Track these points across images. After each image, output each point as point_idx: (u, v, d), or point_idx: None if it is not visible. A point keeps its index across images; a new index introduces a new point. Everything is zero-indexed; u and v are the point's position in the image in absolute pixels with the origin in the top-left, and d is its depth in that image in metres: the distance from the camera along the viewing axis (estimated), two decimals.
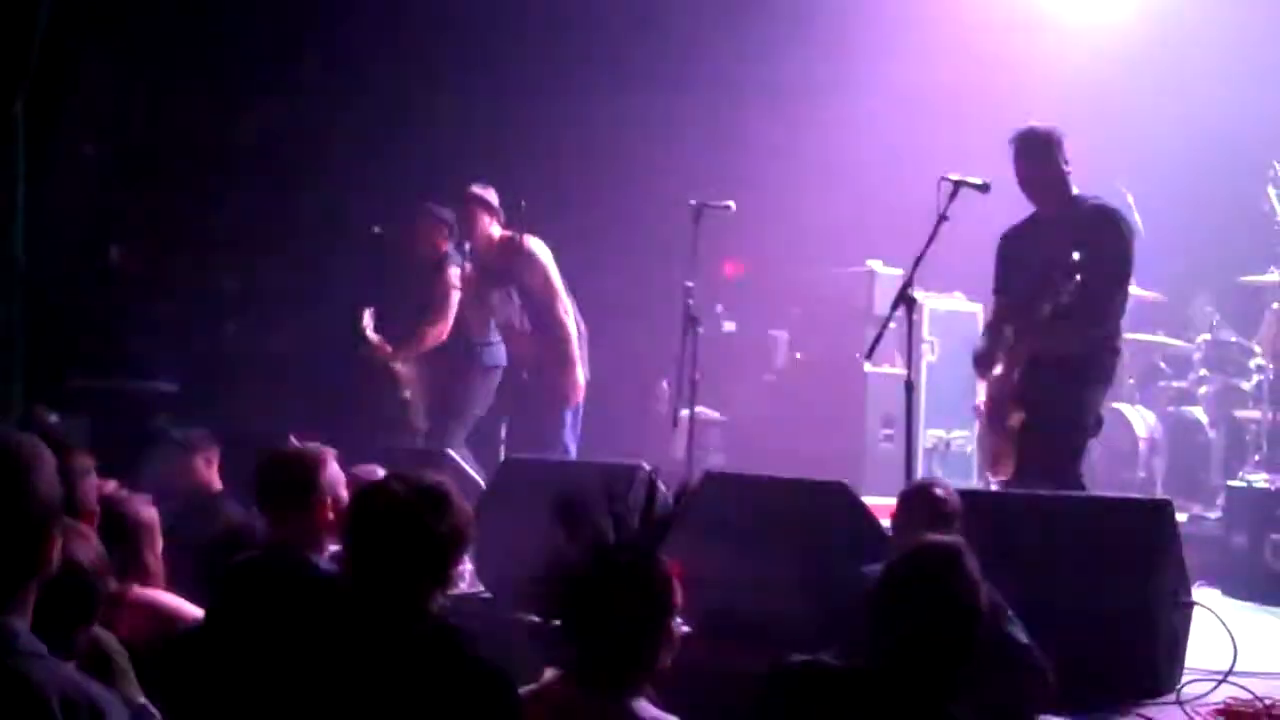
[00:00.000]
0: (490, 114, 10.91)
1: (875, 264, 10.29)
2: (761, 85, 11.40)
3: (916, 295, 6.63)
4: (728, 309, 11.75)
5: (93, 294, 10.53)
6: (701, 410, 9.38)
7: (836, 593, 5.02)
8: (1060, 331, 6.55)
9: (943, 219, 6.52)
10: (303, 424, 9.27)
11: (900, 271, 8.18)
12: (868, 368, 9.62)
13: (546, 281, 8.69)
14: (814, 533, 5.72)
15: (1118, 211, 6.94)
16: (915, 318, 6.62)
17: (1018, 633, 4.56)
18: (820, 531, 5.71)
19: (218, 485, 7.40)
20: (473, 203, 8.84)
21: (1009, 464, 6.81)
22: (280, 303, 10.72)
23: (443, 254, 9.12)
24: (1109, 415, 8.90)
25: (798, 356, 10.85)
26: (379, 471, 4.28)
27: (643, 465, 6.07)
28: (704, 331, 8.68)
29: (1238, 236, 9.44)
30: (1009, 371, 6.88)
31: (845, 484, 5.91)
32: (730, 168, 10.48)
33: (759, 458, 9.92)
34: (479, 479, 7.56)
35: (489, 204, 8.84)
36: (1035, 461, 6.70)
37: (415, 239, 9.31)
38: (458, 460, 7.87)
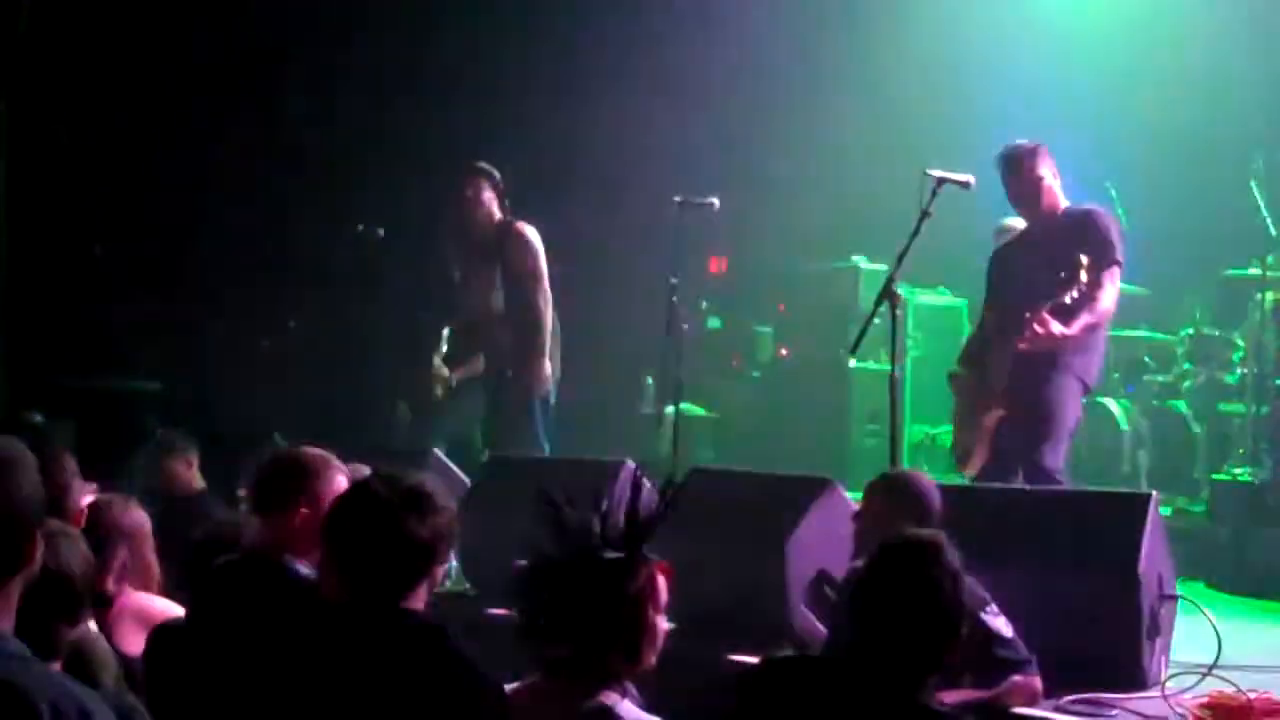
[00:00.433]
0: (473, 113, 10.89)
1: (859, 260, 10.30)
2: (747, 83, 11.42)
3: (901, 291, 6.63)
4: (713, 305, 11.77)
5: (76, 292, 10.50)
6: (687, 407, 9.40)
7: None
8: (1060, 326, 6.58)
9: (926, 215, 6.53)
10: (289, 423, 9.34)
11: (885, 267, 8.18)
12: (852, 363, 9.63)
13: (533, 268, 8.58)
14: None
15: (1106, 214, 7.03)
16: (899, 313, 6.63)
17: (1001, 626, 4.57)
18: None
19: (199, 485, 7.37)
20: (479, 174, 8.65)
21: (980, 458, 6.86)
22: (267, 302, 10.69)
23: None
24: (1094, 409, 8.94)
25: (783, 352, 10.86)
26: (364, 470, 4.27)
27: (628, 462, 6.07)
28: (689, 328, 8.70)
29: (1221, 231, 9.45)
30: (990, 370, 6.91)
31: (830, 479, 5.92)
32: (714, 164, 10.48)
33: (745, 453, 9.93)
34: (463, 476, 7.54)
35: (495, 179, 8.68)
36: (1017, 457, 6.73)
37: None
38: (442, 458, 7.84)
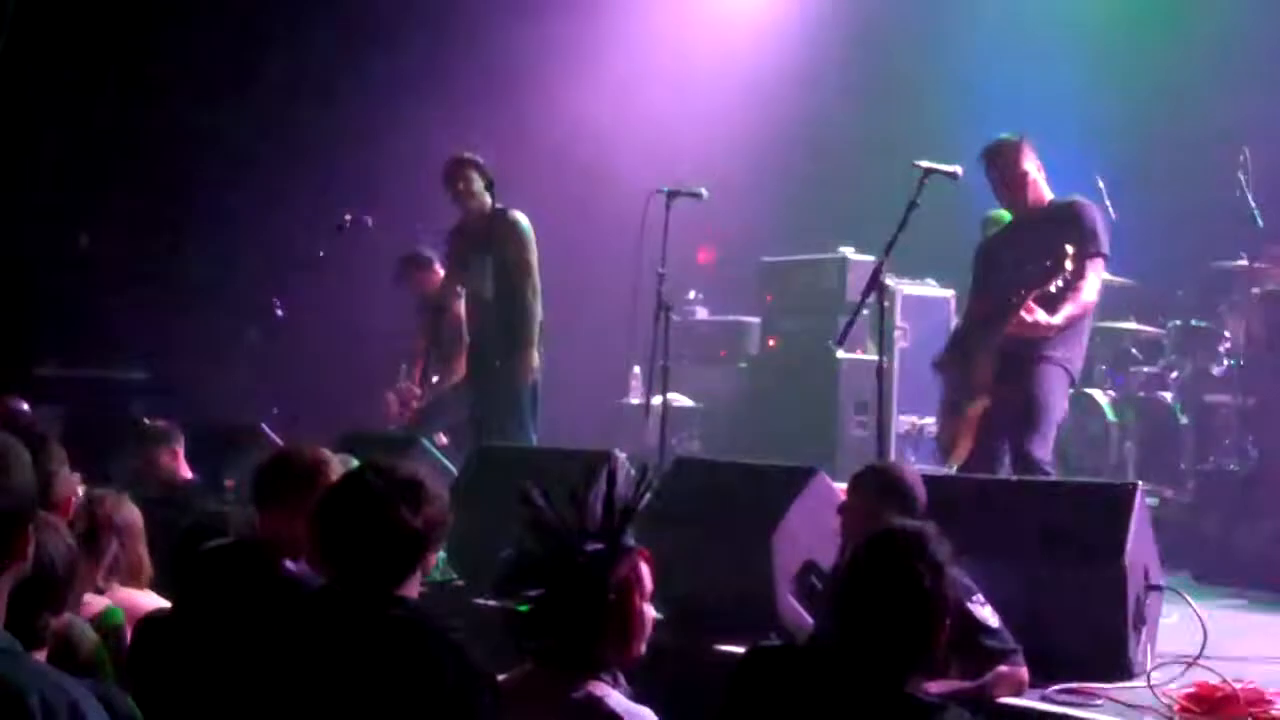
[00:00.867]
0: (458, 106, 10.88)
1: (847, 250, 10.29)
2: (731, 74, 11.42)
3: (888, 282, 6.64)
4: (700, 296, 11.77)
5: (63, 281, 10.48)
6: (674, 397, 9.39)
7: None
8: (1045, 315, 6.59)
9: (914, 205, 6.54)
10: (275, 412, 9.34)
11: (872, 258, 8.18)
12: (840, 354, 9.61)
13: (523, 257, 8.59)
14: None
15: (1091, 206, 7.03)
16: (887, 304, 6.64)
17: (988, 616, 4.57)
18: None
19: (186, 475, 7.36)
20: (468, 164, 8.68)
21: (965, 448, 6.87)
22: (253, 290, 10.67)
23: (441, 293, 9.30)
24: (1081, 400, 8.96)
25: (770, 343, 10.84)
26: (352, 463, 4.26)
27: (614, 452, 6.06)
28: (677, 318, 8.70)
29: (1208, 222, 9.46)
30: (976, 360, 6.92)
31: (817, 469, 5.92)
32: (701, 154, 10.48)
33: (732, 444, 9.93)
34: (451, 466, 7.54)
35: (481, 167, 8.69)
36: (1003, 448, 6.74)
37: (412, 289, 9.82)
38: (430, 447, 7.84)
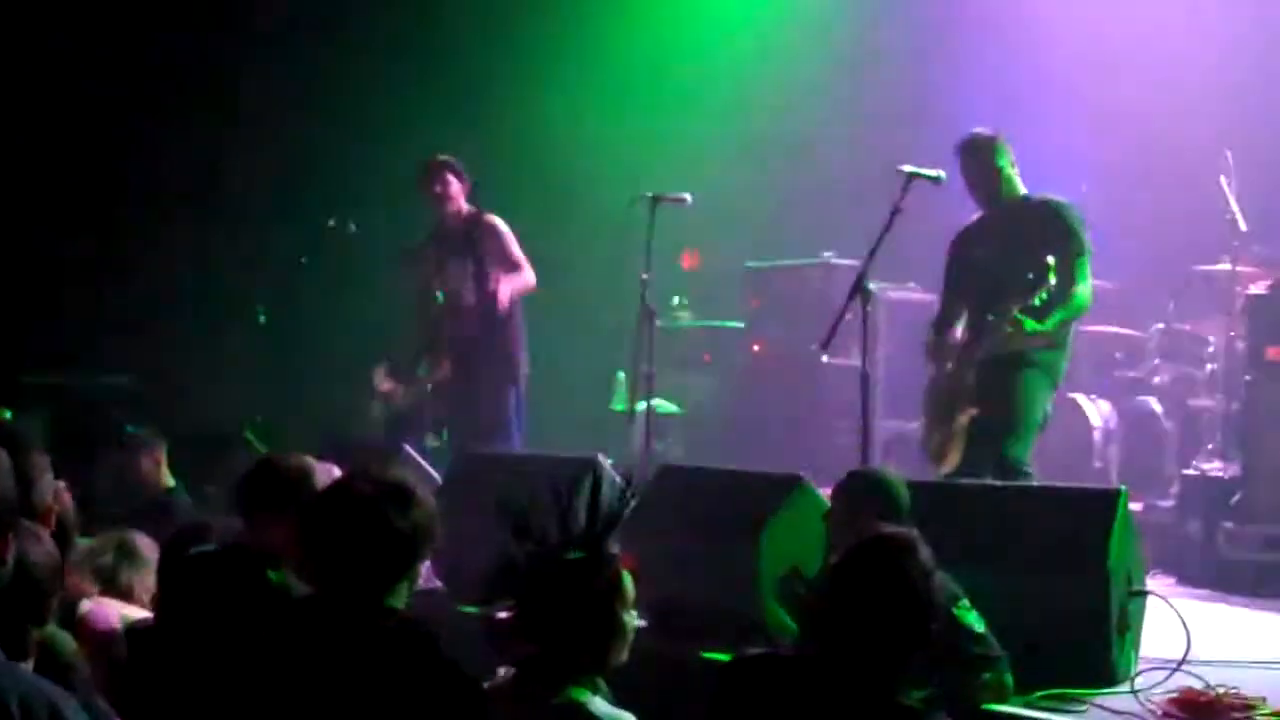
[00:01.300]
0: (442, 108, 10.87)
1: (831, 255, 10.29)
2: (716, 81, 11.42)
3: (872, 286, 6.64)
4: (684, 301, 11.76)
5: (43, 288, 10.44)
6: (659, 403, 9.38)
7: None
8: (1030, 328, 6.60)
9: (897, 210, 6.55)
10: (259, 419, 9.32)
11: (856, 263, 8.18)
12: (824, 359, 9.61)
13: (505, 258, 8.56)
14: None
15: (1067, 205, 7.01)
16: (870, 309, 6.64)
17: (973, 622, 4.58)
18: None
19: (168, 482, 7.34)
20: (444, 168, 8.62)
21: (955, 457, 6.86)
22: (236, 296, 10.65)
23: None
24: (1065, 405, 8.96)
25: (755, 349, 10.84)
26: (334, 470, 4.24)
27: (598, 459, 6.05)
28: (661, 324, 8.69)
29: (1191, 226, 9.47)
30: (959, 370, 6.93)
31: (802, 476, 5.92)
32: (685, 160, 10.48)
33: (717, 450, 9.91)
34: (434, 473, 7.52)
35: (459, 170, 8.66)
36: (987, 456, 6.74)
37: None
38: (414, 455, 7.83)
